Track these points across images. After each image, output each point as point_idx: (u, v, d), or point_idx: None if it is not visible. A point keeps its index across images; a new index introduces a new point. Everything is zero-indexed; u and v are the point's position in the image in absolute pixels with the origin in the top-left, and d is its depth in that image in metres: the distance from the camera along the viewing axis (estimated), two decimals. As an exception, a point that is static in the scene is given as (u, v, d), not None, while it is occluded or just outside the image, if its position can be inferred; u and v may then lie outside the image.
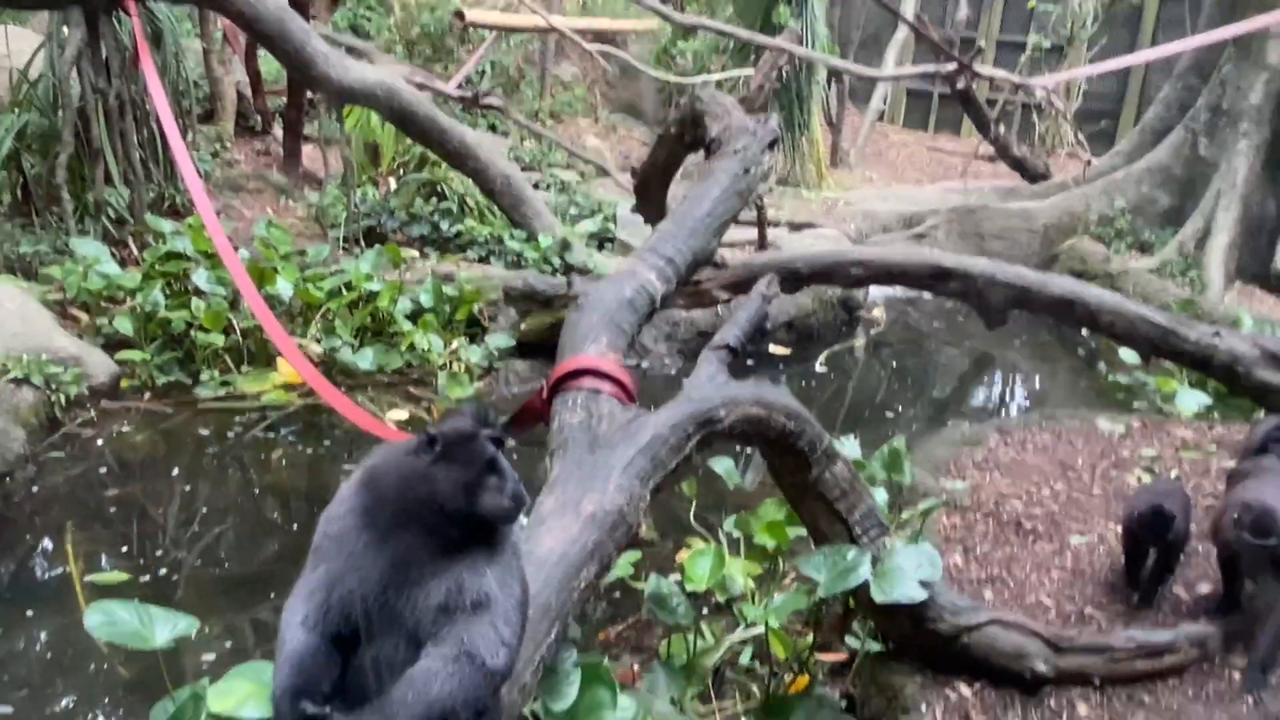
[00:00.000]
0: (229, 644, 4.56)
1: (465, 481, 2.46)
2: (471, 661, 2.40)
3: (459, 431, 2.54)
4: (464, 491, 2.46)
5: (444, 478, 2.47)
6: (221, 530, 5.58)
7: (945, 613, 3.70)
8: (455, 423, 2.59)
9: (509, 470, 2.51)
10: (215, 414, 6.52)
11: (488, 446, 2.52)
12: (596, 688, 3.36)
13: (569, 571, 3.15)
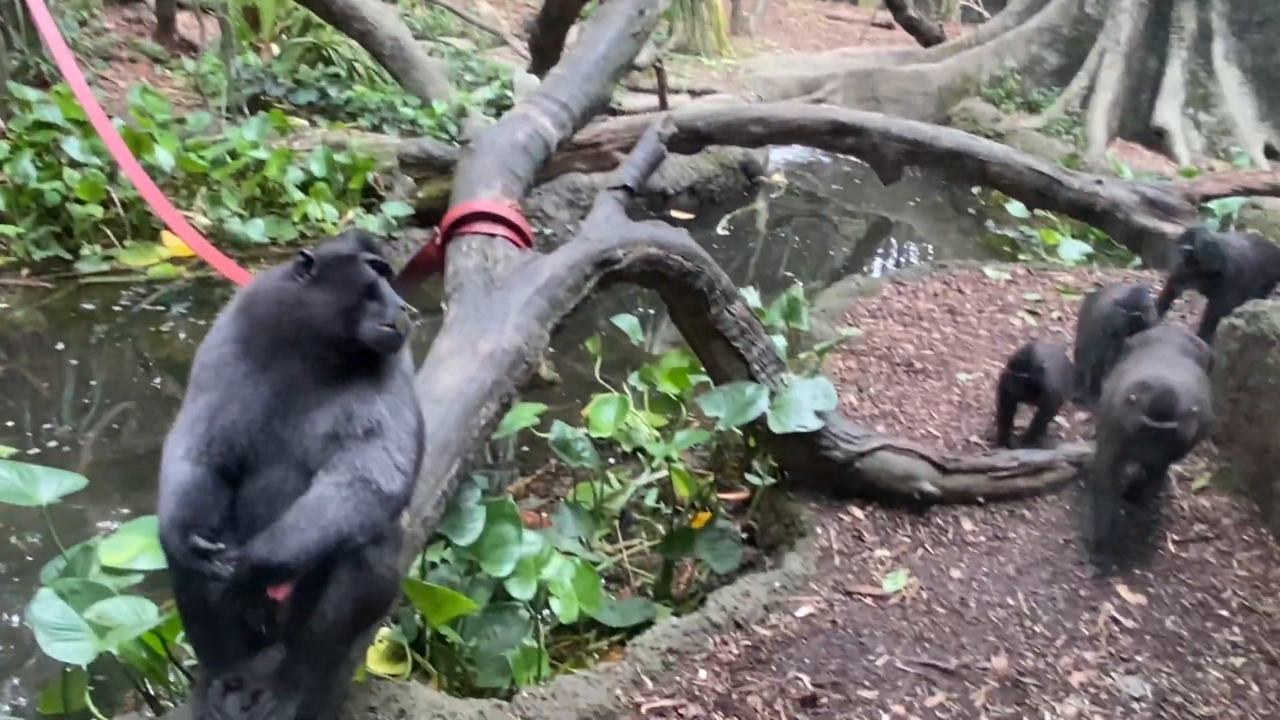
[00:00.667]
0: (126, 512, 4.47)
1: (343, 306, 2.36)
2: (366, 486, 2.36)
3: (336, 254, 2.44)
4: (341, 317, 2.36)
5: (320, 302, 2.37)
6: (114, 406, 5.40)
7: (839, 441, 3.83)
8: (334, 245, 2.49)
9: (391, 295, 2.40)
10: (100, 289, 6.24)
11: (366, 270, 2.42)
12: (501, 524, 3.40)
13: (468, 409, 3.14)
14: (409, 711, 2.77)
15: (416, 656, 3.51)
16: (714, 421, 3.91)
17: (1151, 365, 3.63)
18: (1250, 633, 3.27)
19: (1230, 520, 3.75)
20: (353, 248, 2.46)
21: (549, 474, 5.07)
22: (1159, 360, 3.69)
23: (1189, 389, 3.44)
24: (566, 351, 5.83)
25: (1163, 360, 3.69)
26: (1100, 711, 2.99)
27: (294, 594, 2.38)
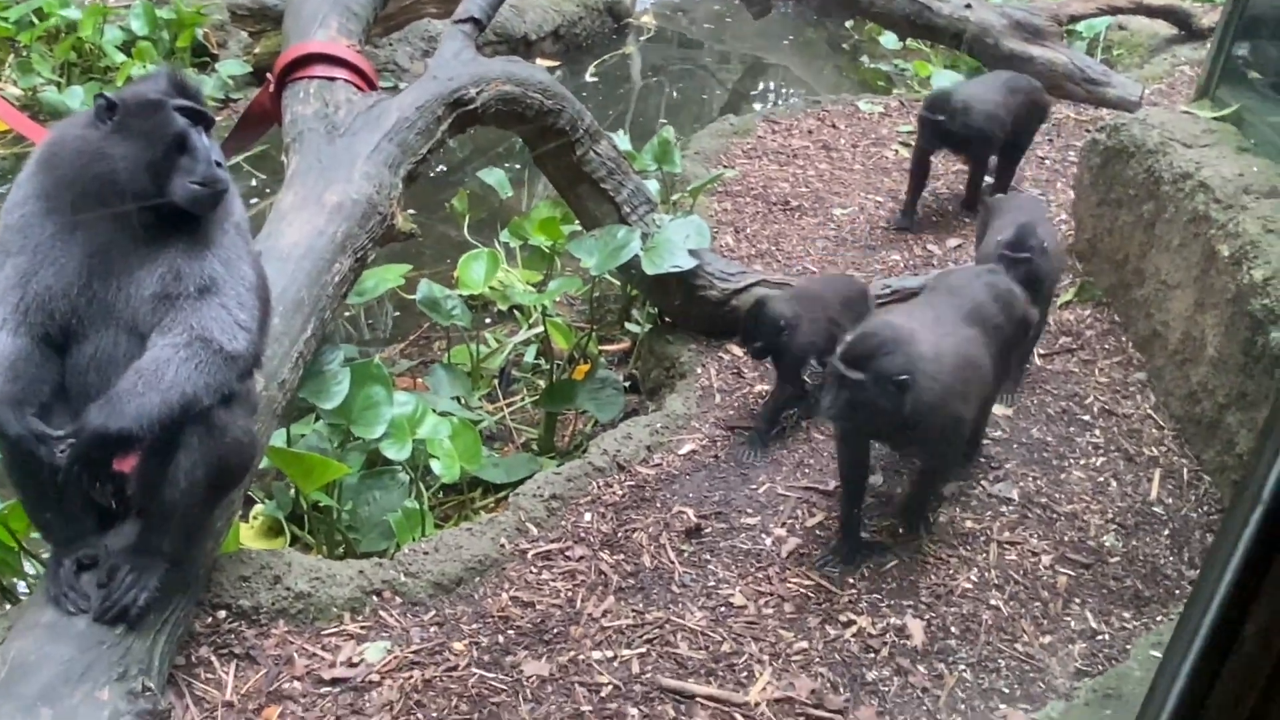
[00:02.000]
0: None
1: (148, 160, 2.14)
2: (206, 346, 2.19)
3: (141, 99, 2.18)
4: (147, 172, 2.14)
5: (123, 155, 2.13)
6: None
7: (714, 279, 3.77)
8: (140, 88, 2.22)
9: (204, 148, 2.17)
10: (-97, 172, 5.63)
11: (175, 119, 2.17)
12: (369, 385, 3.26)
13: (318, 265, 2.94)
14: (284, 577, 2.67)
15: (294, 529, 3.39)
16: (588, 271, 3.80)
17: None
18: (1110, 434, 3.42)
19: (1093, 331, 3.87)
20: (161, 91, 2.20)
21: (422, 339, 4.91)
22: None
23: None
24: (434, 212, 5.58)
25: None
26: (971, 516, 3.10)
27: (142, 464, 2.22)
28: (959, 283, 3.13)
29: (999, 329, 3.01)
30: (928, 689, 2.60)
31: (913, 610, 2.82)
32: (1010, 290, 3.12)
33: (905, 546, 3.01)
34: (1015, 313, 3.09)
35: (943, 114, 4.49)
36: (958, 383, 2.78)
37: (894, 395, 2.62)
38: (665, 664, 2.65)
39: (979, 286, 3.07)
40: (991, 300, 3.03)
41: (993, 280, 3.12)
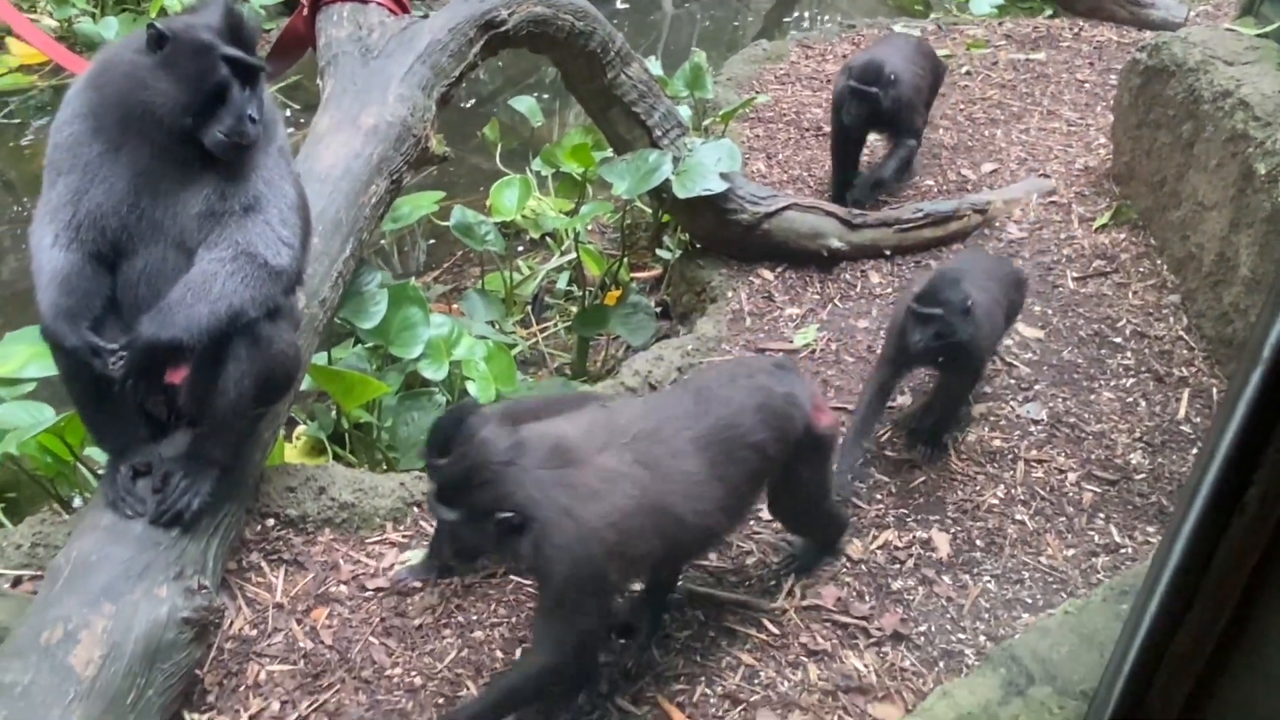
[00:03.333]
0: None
1: (186, 103, 2.18)
2: (252, 260, 2.27)
3: (193, 40, 2.20)
4: (184, 112, 2.19)
5: (164, 91, 2.18)
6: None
7: (746, 203, 3.78)
8: (194, 25, 2.24)
9: (239, 105, 2.21)
10: (-54, 106, 5.73)
11: (219, 70, 2.20)
12: (407, 307, 3.33)
13: (356, 186, 3.00)
14: (329, 488, 2.77)
15: (335, 449, 3.49)
16: (620, 196, 3.82)
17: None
18: (1141, 356, 3.42)
19: (1127, 255, 3.85)
20: (214, 31, 2.22)
21: (455, 267, 4.97)
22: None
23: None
24: (466, 143, 5.59)
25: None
26: (999, 436, 3.14)
27: (193, 375, 2.31)
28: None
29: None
30: (952, 598, 2.67)
31: (939, 524, 2.87)
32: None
33: (932, 464, 3.06)
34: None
35: (875, 86, 3.98)
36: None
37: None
38: (695, 572, 2.73)
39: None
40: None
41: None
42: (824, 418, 2.48)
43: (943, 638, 2.57)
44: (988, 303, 2.97)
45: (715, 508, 2.24)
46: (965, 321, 2.82)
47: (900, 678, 2.47)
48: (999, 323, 3.08)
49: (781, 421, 2.35)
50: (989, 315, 2.96)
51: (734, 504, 2.31)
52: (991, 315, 2.99)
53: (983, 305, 2.91)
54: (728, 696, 2.43)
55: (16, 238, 5.10)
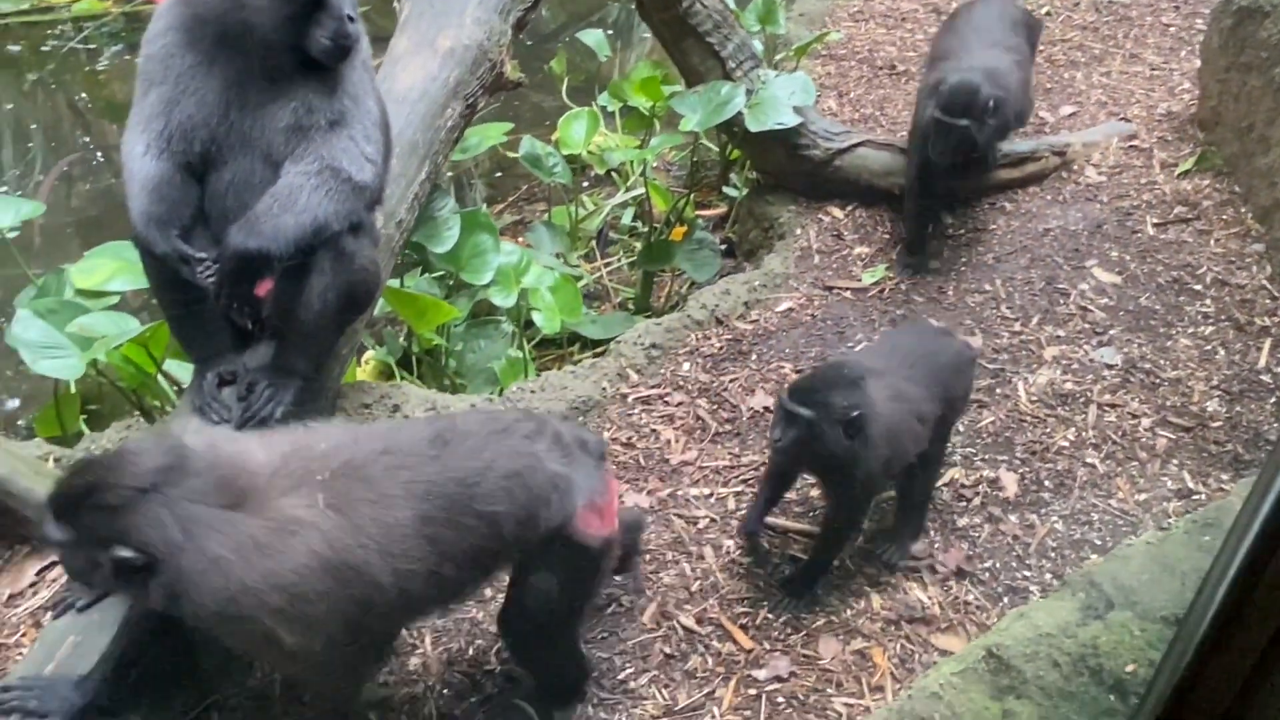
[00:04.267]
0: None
1: (287, 14, 2.21)
2: (336, 175, 2.30)
3: None
4: (285, 23, 2.21)
5: (261, 6, 2.20)
6: (58, 152, 5.17)
7: (818, 138, 3.73)
8: None
9: (338, 5, 2.23)
10: (23, 31, 5.83)
11: None
12: (478, 233, 3.36)
13: (432, 109, 3.00)
14: (402, 406, 2.82)
15: (404, 374, 3.55)
16: (690, 129, 3.78)
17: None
18: (1221, 304, 3.34)
19: (1211, 202, 3.74)
20: None
21: (521, 201, 4.98)
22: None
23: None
24: (532, 77, 5.56)
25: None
26: (1071, 379, 3.10)
27: (278, 287, 2.35)
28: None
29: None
30: (1018, 536, 2.66)
31: (1007, 464, 2.85)
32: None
33: (1001, 404, 3.03)
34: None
35: (967, 117, 3.26)
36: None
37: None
38: (761, 502, 2.75)
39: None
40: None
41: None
42: (595, 526, 1.97)
43: (1008, 575, 2.57)
44: (894, 413, 2.38)
45: (422, 572, 1.82)
46: (839, 433, 2.26)
47: (964, 611, 2.48)
48: (908, 439, 2.42)
49: (533, 502, 1.91)
50: (889, 430, 2.35)
51: (448, 577, 1.87)
52: (894, 429, 2.37)
53: (884, 416, 2.34)
54: (790, 622, 2.46)
55: (89, 166, 5.21)
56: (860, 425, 2.26)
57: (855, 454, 2.29)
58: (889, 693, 2.28)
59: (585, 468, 1.98)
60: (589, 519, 1.95)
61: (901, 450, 2.42)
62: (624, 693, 2.32)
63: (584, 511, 1.95)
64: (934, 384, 2.51)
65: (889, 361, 2.51)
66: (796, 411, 2.27)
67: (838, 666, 2.35)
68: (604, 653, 2.40)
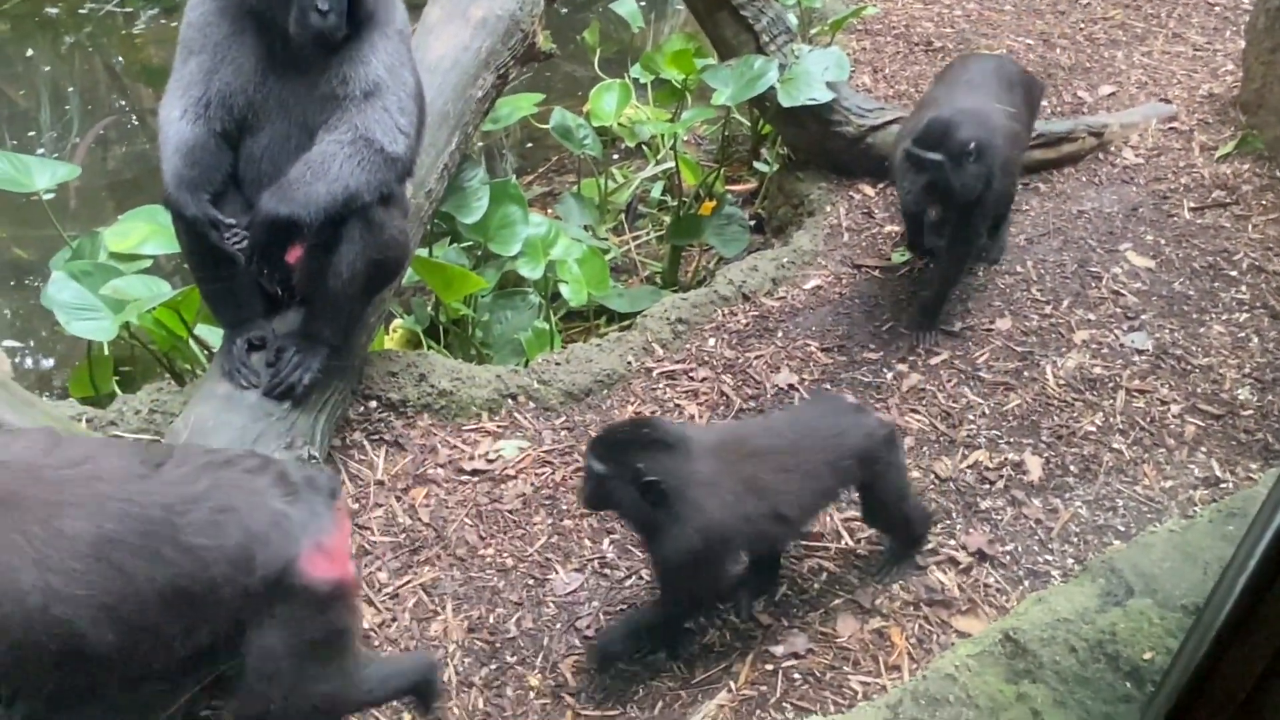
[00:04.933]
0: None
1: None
2: (369, 145, 2.32)
3: None
4: (277, 4, 2.23)
5: None
6: (94, 115, 5.22)
7: (851, 115, 3.69)
8: None
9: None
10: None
11: None
12: (507, 204, 3.36)
13: (464, 79, 3.01)
14: (428, 375, 2.85)
15: (430, 343, 3.57)
16: (721, 103, 3.75)
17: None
18: (1257, 291, 3.29)
19: (1250, 186, 3.67)
20: None
21: (550, 172, 4.98)
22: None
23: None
24: (564, 48, 5.53)
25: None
26: (1100, 364, 3.07)
27: (308, 255, 2.38)
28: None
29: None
30: (1041, 520, 2.65)
31: (1032, 448, 2.84)
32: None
33: (1028, 387, 3.01)
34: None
35: (939, 151, 2.88)
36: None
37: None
38: (783, 480, 2.75)
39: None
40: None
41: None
42: (323, 569, 1.75)
43: (1029, 558, 2.57)
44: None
45: (90, 604, 1.61)
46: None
47: (984, 593, 2.48)
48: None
49: (249, 541, 1.70)
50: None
51: (131, 620, 1.65)
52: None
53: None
54: (809, 601, 2.47)
55: (124, 130, 5.26)
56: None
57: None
58: (905, 672, 2.29)
59: (312, 506, 1.79)
60: (315, 561, 1.74)
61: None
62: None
63: (310, 553, 1.74)
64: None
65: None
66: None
67: (855, 645, 2.36)
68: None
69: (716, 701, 2.26)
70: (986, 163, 2.92)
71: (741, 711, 2.24)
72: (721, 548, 2.18)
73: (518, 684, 2.31)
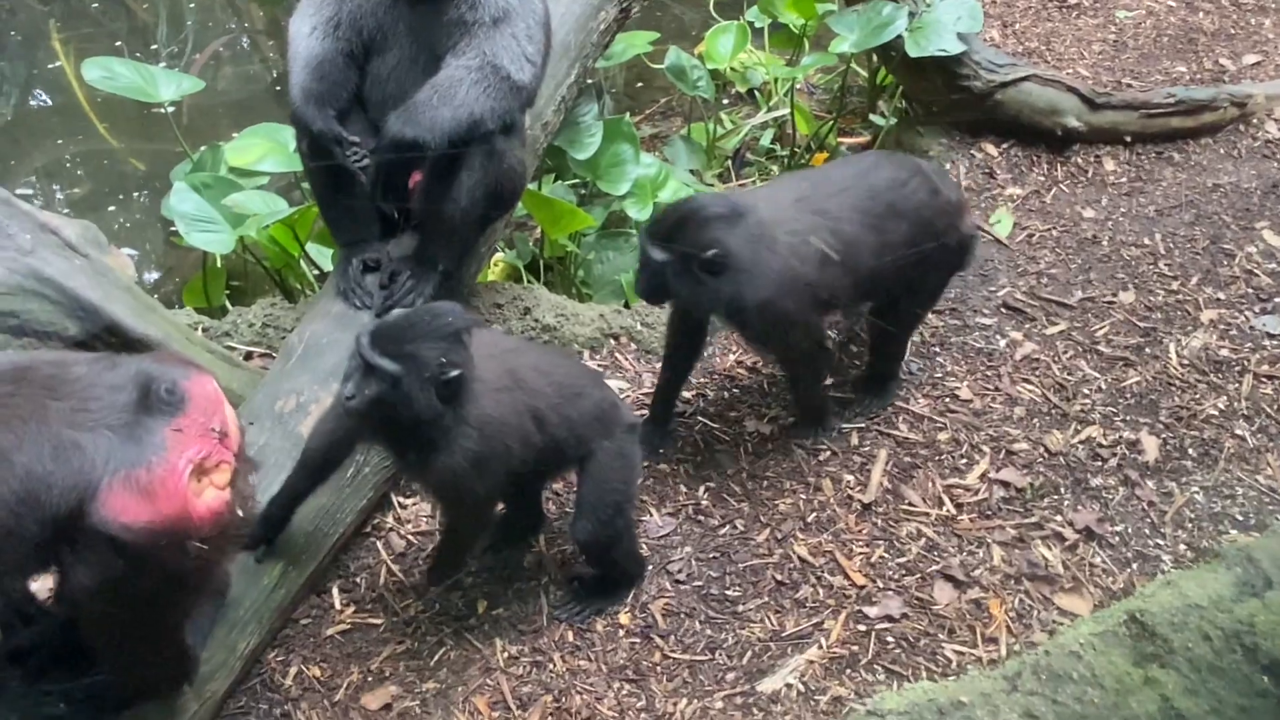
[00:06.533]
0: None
1: None
2: (496, 72, 2.30)
3: None
4: None
5: None
6: (212, 34, 5.30)
7: (981, 69, 3.54)
8: None
9: None
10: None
11: None
12: (619, 142, 3.32)
13: (586, 10, 2.97)
14: (533, 309, 2.85)
15: (530, 278, 3.57)
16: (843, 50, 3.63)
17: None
18: (1406, 279, 3.10)
19: (1406, 168, 3.45)
20: None
21: (659, 114, 4.90)
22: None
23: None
24: (677, -11, 5.43)
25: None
26: (1227, 346, 2.93)
27: (427, 180, 2.38)
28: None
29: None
30: (1154, 503, 2.56)
31: (1149, 428, 2.73)
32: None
33: (1148, 365, 2.89)
34: None
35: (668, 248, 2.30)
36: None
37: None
38: (884, 441, 2.70)
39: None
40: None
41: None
42: (131, 511, 1.49)
43: (1139, 540, 2.48)
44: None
45: None
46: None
47: (1089, 572, 2.41)
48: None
49: (29, 481, 1.48)
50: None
51: None
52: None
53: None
54: (905, 565, 2.42)
55: (236, 50, 5.33)
56: None
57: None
58: (1003, 646, 2.24)
59: (132, 430, 1.51)
60: (120, 501, 1.48)
61: None
62: (732, 614, 2.33)
63: (114, 491, 1.48)
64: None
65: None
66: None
67: (951, 614, 2.31)
68: (714, 571, 2.41)
69: (806, 656, 2.24)
70: (737, 288, 2.28)
71: (831, 669, 2.22)
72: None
73: (608, 620, 2.31)
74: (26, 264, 2.25)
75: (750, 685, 2.19)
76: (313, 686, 2.16)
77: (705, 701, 2.16)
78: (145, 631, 1.66)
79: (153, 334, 2.32)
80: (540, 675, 2.20)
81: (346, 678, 2.17)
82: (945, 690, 1.52)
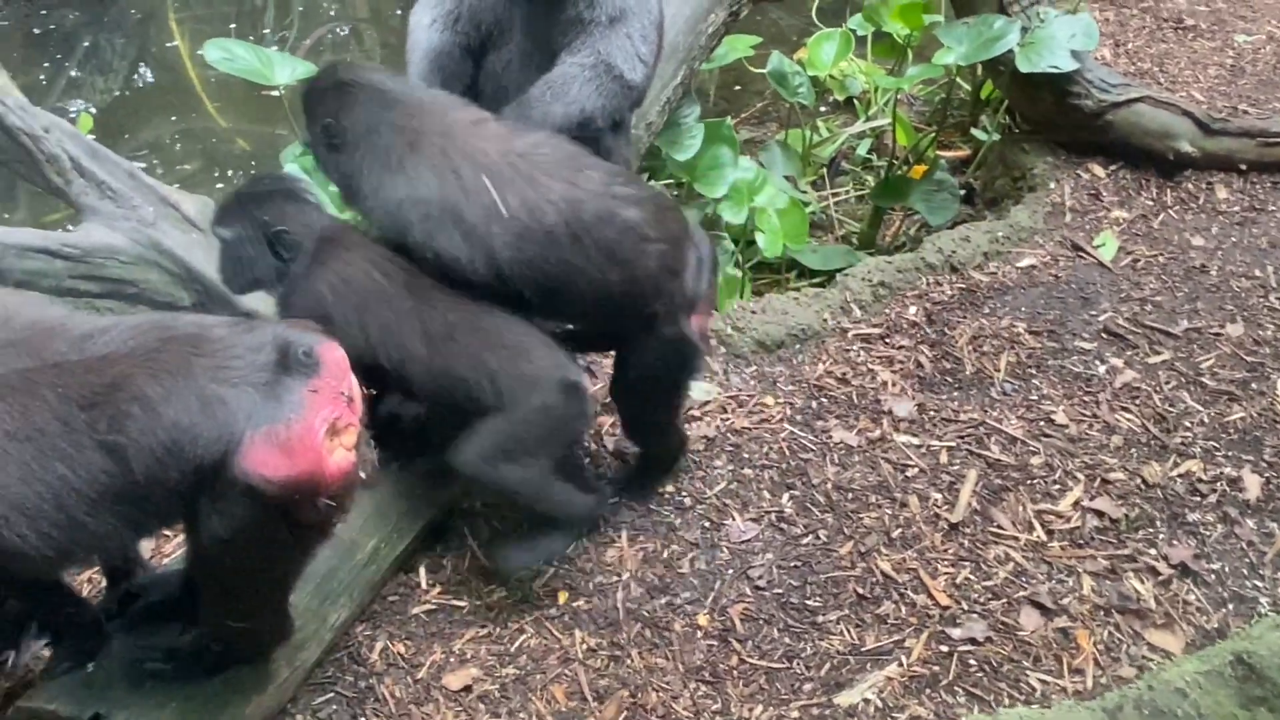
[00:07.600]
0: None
1: None
2: (609, 71, 2.33)
3: None
4: None
5: None
6: (321, 30, 5.44)
7: (1093, 88, 3.46)
8: None
9: None
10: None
11: None
12: (719, 145, 3.33)
13: (696, 12, 2.98)
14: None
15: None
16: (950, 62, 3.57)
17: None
18: None
19: None
20: None
21: (755, 118, 4.89)
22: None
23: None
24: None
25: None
26: (1346, 383, 2.82)
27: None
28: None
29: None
30: (1254, 543, 2.47)
31: (1252, 465, 2.64)
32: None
33: (1254, 400, 2.79)
34: None
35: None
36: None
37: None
38: (974, 461, 2.66)
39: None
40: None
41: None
42: (272, 466, 1.56)
43: (1236, 581, 2.40)
44: None
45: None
46: None
47: (1182, 609, 2.34)
48: None
49: (175, 430, 1.54)
50: None
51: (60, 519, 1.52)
52: None
53: None
54: (992, 589, 2.38)
55: (335, 39, 5.45)
56: None
57: None
58: (1089, 677, 2.19)
59: (273, 389, 1.57)
60: (263, 455, 1.54)
61: None
62: (811, 624, 2.32)
63: (256, 445, 1.54)
64: None
65: None
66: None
67: (1037, 641, 2.27)
68: (795, 580, 2.40)
69: (885, 673, 2.22)
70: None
71: (911, 688, 2.19)
72: None
73: (686, 621, 2.32)
74: (149, 235, 2.35)
75: (827, 697, 2.17)
76: (396, 663, 2.21)
77: (781, 710, 2.15)
78: (261, 585, 1.75)
79: (260, 309, 2.39)
80: (617, 670, 2.22)
81: (429, 656, 2.21)
82: (1040, 717, 1.49)
